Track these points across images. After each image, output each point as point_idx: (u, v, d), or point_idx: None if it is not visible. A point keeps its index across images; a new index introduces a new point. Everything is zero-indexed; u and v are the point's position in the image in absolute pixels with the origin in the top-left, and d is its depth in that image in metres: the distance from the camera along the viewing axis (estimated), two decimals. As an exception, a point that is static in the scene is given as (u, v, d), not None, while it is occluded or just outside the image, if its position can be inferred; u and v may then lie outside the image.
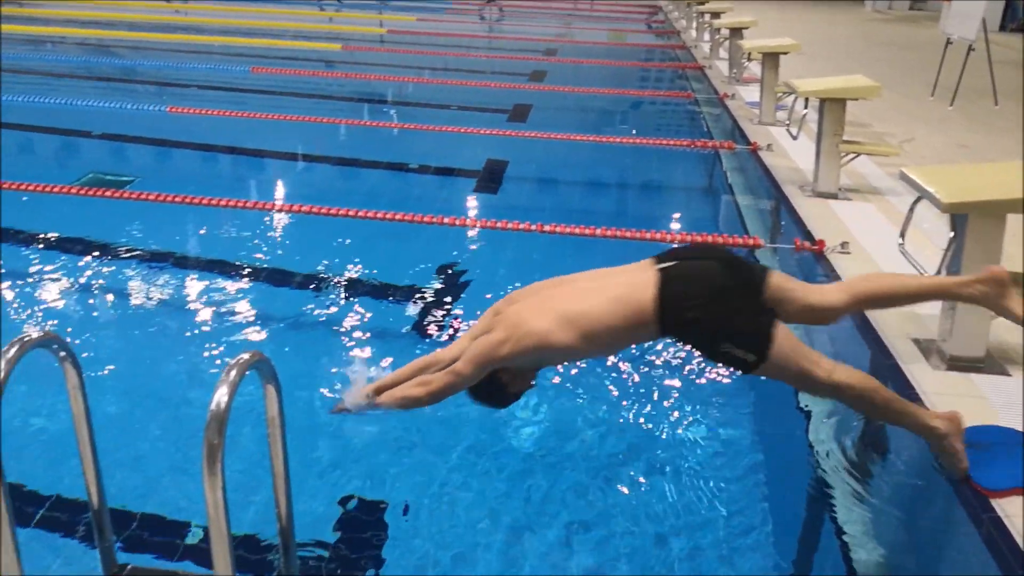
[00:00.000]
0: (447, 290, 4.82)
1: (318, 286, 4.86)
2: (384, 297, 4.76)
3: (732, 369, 2.78)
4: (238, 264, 5.12)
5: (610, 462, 3.27)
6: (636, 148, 8.05)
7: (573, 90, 10.74)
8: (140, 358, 4.08)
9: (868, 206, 5.41)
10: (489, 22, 19.84)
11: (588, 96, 10.60)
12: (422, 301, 4.68)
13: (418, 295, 4.76)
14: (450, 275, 5.04)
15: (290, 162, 7.93)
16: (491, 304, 2.86)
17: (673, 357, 4.00)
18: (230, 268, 5.06)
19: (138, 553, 2.76)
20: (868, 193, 5.70)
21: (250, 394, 2.22)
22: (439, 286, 4.86)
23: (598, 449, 3.35)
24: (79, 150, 8.15)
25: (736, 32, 9.97)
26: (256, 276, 5.01)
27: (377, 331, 4.35)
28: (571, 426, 3.49)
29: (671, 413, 3.59)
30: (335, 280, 4.94)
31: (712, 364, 2.78)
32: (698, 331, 2.62)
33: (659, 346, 4.07)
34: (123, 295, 4.77)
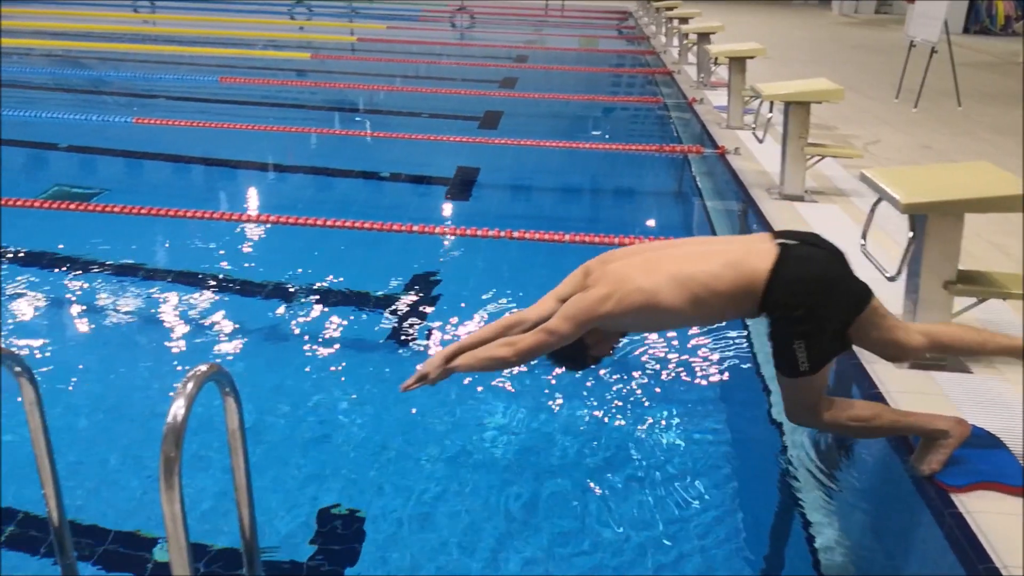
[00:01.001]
0: (420, 298, 4.82)
1: (290, 296, 4.84)
2: (356, 305, 4.75)
3: (778, 364, 2.61)
4: (208, 276, 5.08)
5: (589, 469, 3.26)
6: (606, 153, 8.10)
7: (544, 96, 10.78)
8: (107, 372, 4.04)
9: (833, 208, 5.48)
10: (460, 29, 19.85)
11: (559, 102, 10.66)
12: (395, 309, 4.67)
13: (391, 303, 4.75)
14: (423, 283, 5.03)
15: (260, 172, 7.88)
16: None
17: (650, 363, 4.03)
18: (200, 280, 5.02)
19: (102, 570, 2.73)
20: (833, 195, 5.78)
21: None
22: (412, 294, 4.85)
23: (578, 456, 3.35)
24: (45, 162, 8.05)
25: (704, 37, 10.06)
26: (227, 288, 4.97)
27: (350, 340, 4.34)
28: (550, 435, 3.49)
29: (648, 419, 3.60)
30: (307, 290, 4.92)
31: (774, 349, 2.64)
32: (790, 320, 2.52)
33: (637, 351, 4.09)
34: (90, 309, 4.72)
